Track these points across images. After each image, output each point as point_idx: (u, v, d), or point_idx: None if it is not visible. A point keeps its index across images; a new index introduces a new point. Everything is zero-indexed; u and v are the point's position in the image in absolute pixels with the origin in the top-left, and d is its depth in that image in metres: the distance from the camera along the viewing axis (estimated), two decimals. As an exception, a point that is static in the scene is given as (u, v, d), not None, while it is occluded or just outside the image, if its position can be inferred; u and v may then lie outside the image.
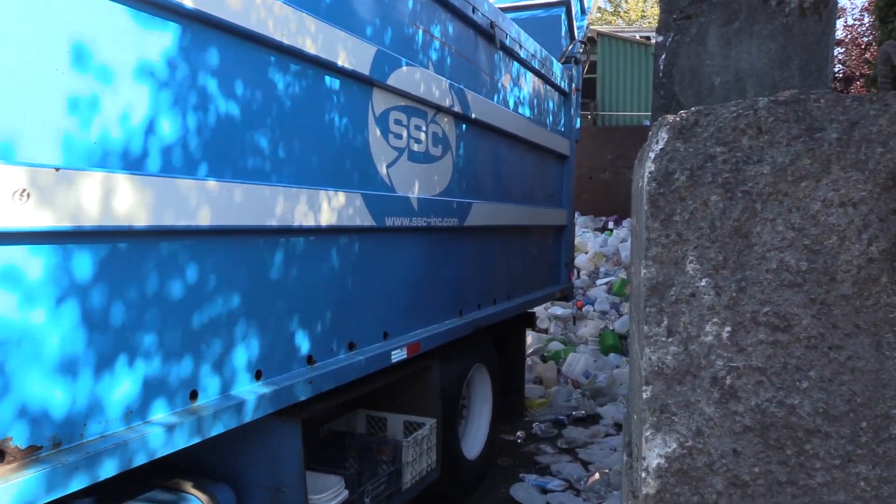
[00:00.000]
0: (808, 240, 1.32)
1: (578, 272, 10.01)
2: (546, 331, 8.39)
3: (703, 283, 1.34)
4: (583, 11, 6.64)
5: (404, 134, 3.36)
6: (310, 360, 2.70)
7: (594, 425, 5.87)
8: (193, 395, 2.16)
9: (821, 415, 1.30)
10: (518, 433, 5.62)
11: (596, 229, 12.20)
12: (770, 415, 1.31)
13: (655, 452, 1.34)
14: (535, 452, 5.30)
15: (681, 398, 1.34)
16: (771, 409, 1.31)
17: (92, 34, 1.81)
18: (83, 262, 1.80)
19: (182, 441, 2.05)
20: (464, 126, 4.05)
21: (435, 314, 3.77)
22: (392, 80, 3.14)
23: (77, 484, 1.72)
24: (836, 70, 14.17)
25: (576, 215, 12.43)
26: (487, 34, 4.29)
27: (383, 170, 3.19)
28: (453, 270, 4.00)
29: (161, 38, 2.02)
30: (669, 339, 1.35)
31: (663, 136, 1.45)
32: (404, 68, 3.26)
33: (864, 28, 14.06)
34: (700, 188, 1.37)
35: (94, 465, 1.76)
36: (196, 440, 2.10)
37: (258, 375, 2.44)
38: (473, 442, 4.64)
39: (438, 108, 3.68)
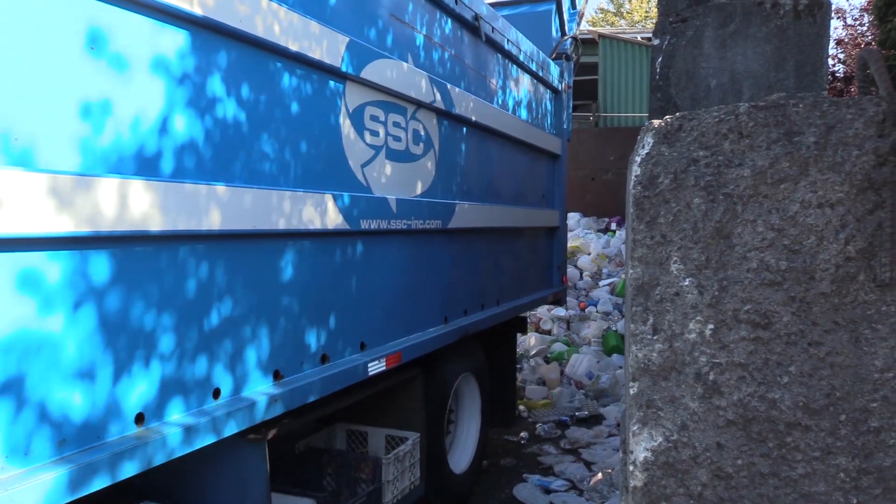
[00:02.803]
0: (788, 240, 1.37)
1: (581, 273, 10.05)
2: (549, 332, 8.44)
3: (686, 283, 1.39)
4: (573, 6, 6.53)
5: (381, 131, 3.17)
6: (276, 375, 2.49)
7: (597, 426, 5.92)
8: (140, 419, 1.95)
9: (801, 409, 1.35)
10: (522, 434, 5.66)
11: (599, 230, 12.24)
12: (752, 409, 1.36)
13: (642, 446, 1.39)
14: (538, 453, 5.34)
15: (666, 394, 1.39)
16: (753, 403, 1.36)
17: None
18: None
19: (128, 470, 1.84)
20: (447, 123, 3.84)
21: (418, 322, 3.55)
22: (367, 74, 2.94)
23: None
24: (837, 70, 14.18)
25: (578, 216, 12.48)
26: (471, 26, 4.09)
27: (358, 169, 2.98)
28: (437, 275, 3.78)
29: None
30: (655, 337, 1.40)
31: (649, 140, 1.50)
32: (380, 61, 3.04)
33: (863, 28, 14.07)
34: (683, 191, 1.42)
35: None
36: (138, 470, 1.88)
37: (216, 394, 2.21)
38: (462, 455, 4.45)
39: (419, 104, 3.48)
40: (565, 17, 6.24)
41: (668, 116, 1.51)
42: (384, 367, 3.08)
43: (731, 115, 1.43)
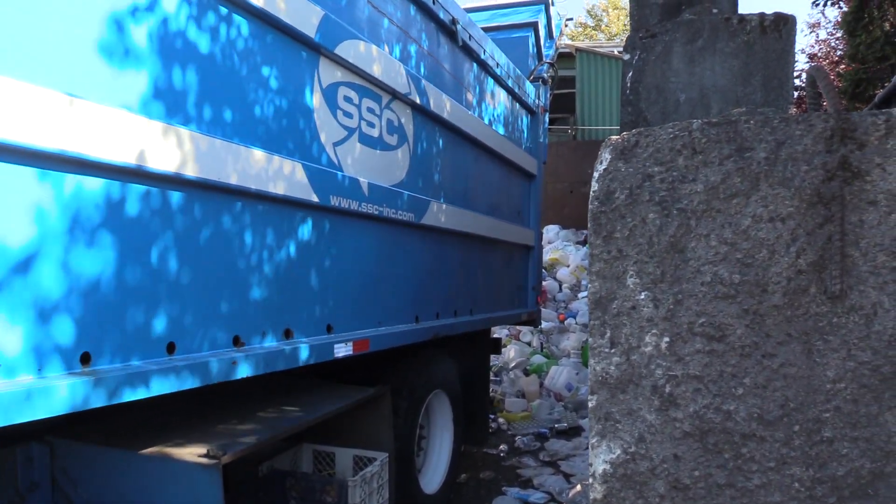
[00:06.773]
0: (740, 254, 1.39)
1: (560, 285, 10.10)
2: (529, 344, 8.46)
3: (642, 297, 1.41)
4: (550, 36, 6.67)
5: (355, 114, 3.19)
6: (236, 341, 2.46)
7: (576, 437, 5.94)
8: (86, 359, 1.92)
9: (756, 420, 1.37)
10: (501, 446, 5.66)
11: (577, 242, 12.32)
12: (708, 420, 1.38)
13: (601, 459, 1.40)
14: (517, 465, 5.34)
15: (624, 406, 1.40)
16: (708, 415, 1.38)
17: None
18: None
19: (65, 405, 1.80)
20: (422, 118, 3.86)
21: (388, 315, 3.55)
22: (340, 51, 2.98)
23: None
24: (810, 83, 14.38)
25: (557, 229, 12.55)
26: (449, 30, 4.16)
27: (329, 146, 2.99)
28: (410, 272, 3.78)
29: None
30: (612, 350, 1.42)
31: (606, 156, 1.53)
32: (354, 41, 3.09)
33: (836, 42, 14.35)
34: (639, 206, 1.44)
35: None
36: (92, 406, 1.86)
37: (170, 348, 2.19)
38: (434, 475, 4.37)
39: (394, 94, 3.51)
40: (542, 42, 6.34)
41: (624, 133, 1.54)
42: (350, 352, 3.05)
43: (685, 131, 1.46)
